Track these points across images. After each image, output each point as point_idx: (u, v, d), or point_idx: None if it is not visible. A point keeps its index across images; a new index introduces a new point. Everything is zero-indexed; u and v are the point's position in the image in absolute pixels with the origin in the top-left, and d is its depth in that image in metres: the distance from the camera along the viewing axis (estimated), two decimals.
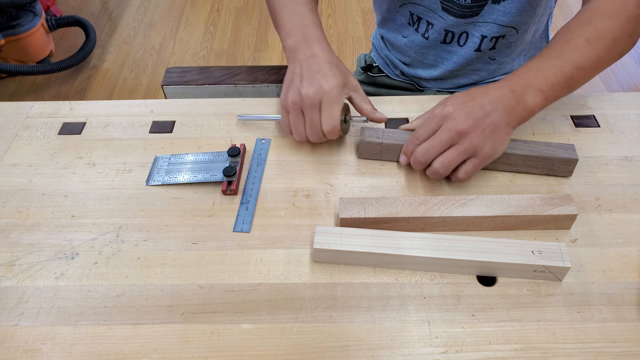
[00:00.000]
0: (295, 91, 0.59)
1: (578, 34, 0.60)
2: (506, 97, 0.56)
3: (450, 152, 0.55)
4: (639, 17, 0.61)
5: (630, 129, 0.67)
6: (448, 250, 0.50)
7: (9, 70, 1.78)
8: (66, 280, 0.52)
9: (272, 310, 0.50)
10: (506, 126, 0.56)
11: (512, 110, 0.56)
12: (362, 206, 0.55)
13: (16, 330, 0.49)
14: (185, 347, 0.47)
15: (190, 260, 0.54)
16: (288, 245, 0.55)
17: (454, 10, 0.72)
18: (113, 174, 0.63)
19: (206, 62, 2.05)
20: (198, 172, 0.62)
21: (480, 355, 0.46)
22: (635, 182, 0.61)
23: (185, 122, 0.70)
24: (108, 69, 2.03)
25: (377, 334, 0.48)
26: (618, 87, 1.91)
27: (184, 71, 0.86)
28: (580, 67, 0.59)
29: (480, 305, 0.50)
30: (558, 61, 0.59)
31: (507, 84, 0.58)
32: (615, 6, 0.61)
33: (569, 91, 0.60)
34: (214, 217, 0.58)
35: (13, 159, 0.65)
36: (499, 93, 0.56)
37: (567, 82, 0.58)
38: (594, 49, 0.59)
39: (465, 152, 0.55)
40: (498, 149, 0.56)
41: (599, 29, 0.60)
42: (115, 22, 2.27)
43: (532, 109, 0.57)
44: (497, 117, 0.55)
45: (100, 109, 0.72)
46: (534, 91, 0.57)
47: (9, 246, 0.56)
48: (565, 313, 0.49)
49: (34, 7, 1.84)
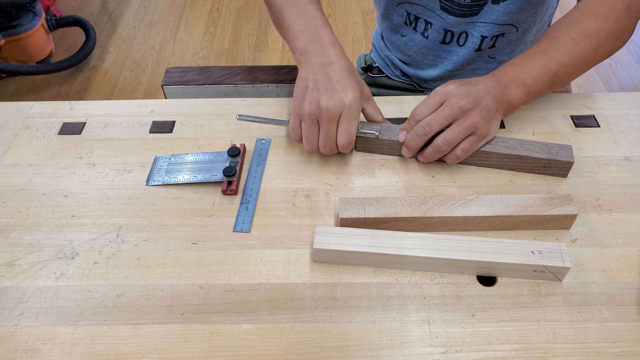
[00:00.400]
0: (313, 101, 0.57)
1: (566, 32, 0.62)
2: (494, 87, 0.59)
3: (453, 128, 0.56)
4: (627, 18, 0.62)
5: (630, 129, 0.67)
6: (448, 250, 0.50)
7: (9, 70, 1.78)
8: (66, 280, 0.52)
9: (272, 310, 0.50)
10: (496, 112, 0.59)
11: (499, 100, 0.59)
12: (362, 206, 0.54)
13: (16, 330, 0.49)
14: (185, 347, 0.47)
15: (190, 260, 0.54)
16: (288, 245, 0.55)
17: (453, 9, 0.72)
18: (113, 174, 0.63)
19: (206, 62, 2.05)
20: (198, 172, 0.62)
21: (480, 355, 0.46)
22: (635, 182, 0.61)
23: (185, 122, 0.70)
24: (108, 69, 2.03)
25: (377, 334, 0.48)
26: (618, 87, 1.91)
27: (184, 71, 0.86)
28: (565, 65, 0.61)
29: (480, 305, 0.50)
30: (543, 58, 0.61)
31: (493, 76, 0.61)
32: (604, 7, 0.62)
33: (553, 87, 0.62)
34: (214, 217, 0.58)
35: (13, 159, 0.65)
36: (488, 82, 0.59)
37: (551, 78, 0.61)
38: (579, 48, 0.61)
39: (467, 129, 0.56)
40: (492, 131, 0.59)
41: (586, 28, 0.62)
42: (115, 22, 2.27)
43: (515, 103, 0.60)
44: (489, 101, 0.58)
45: (100, 109, 0.72)
46: (517, 85, 0.60)
47: (9, 246, 0.56)
48: (565, 313, 0.49)
49: (34, 7, 1.84)
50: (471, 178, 0.61)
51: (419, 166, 0.63)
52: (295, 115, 0.59)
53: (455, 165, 0.62)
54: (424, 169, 0.62)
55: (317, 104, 0.56)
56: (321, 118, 0.57)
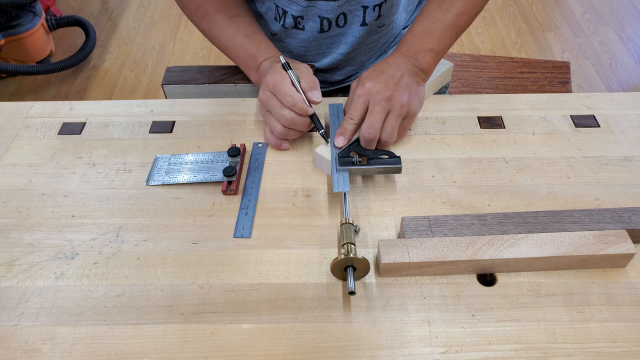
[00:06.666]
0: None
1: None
2: (404, 63, 0.64)
3: (389, 120, 0.61)
4: None
5: (630, 129, 0.67)
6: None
7: (9, 70, 1.78)
8: (66, 280, 0.52)
9: (272, 310, 0.50)
10: (417, 85, 0.64)
11: (413, 73, 0.64)
12: (405, 249, 0.51)
13: (16, 330, 0.49)
14: (185, 347, 0.47)
15: (190, 260, 0.54)
16: (288, 245, 0.55)
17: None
18: (113, 174, 0.63)
19: (206, 62, 2.05)
20: (198, 172, 0.62)
21: (480, 355, 0.46)
22: (635, 182, 0.61)
23: (185, 122, 0.70)
24: (108, 69, 2.03)
25: (377, 334, 0.48)
26: (618, 87, 1.91)
27: (184, 70, 0.85)
28: (462, 12, 0.66)
29: (480, 305, 0.50)
30: (438, 14, 0.66)
31: (400, 53, 0.66)
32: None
33: (458, 36, 0.68)
34: (214, 217, 0.58)
35: (13, 159, 0.65)
36: (398, 61, 0.64)
37: (452, 30, 0.67)
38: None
39: (400, 114, 0.61)
40: (421, 103, 0.65)
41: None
42: (115, 22, 2.27)
43: (428, 68, 0.66)
44: (406, 79, 0.63)
45: (100, 109, 0.72)
46: (424, 53, 0.66)
47: (9, 246, 0.56)
48: (565, 313, 0.49)
49: (34, 7, 1.84)
50: (471, 178, 0.61)
51: (418, 166, 0.63)
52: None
53: (455, 165, 0.63)
54: (424, 169, 0.62)
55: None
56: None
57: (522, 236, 0.52)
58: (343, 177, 0.58)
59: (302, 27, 0.76)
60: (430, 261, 0.50)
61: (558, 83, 1.02)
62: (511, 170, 0.62)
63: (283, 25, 0.77)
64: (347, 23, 0.75)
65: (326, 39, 0.78)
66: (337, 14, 0.73)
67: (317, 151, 0.62)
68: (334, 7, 0.72)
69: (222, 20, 0.72)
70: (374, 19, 0.75)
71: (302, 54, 0.81)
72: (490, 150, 0.65)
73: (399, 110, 0.61)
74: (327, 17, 0.73)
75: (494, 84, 1.03)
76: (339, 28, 0.76)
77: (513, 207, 0.58)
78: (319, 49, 0.80)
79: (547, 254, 0.50)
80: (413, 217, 0.54)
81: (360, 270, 0.50)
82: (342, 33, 0.77)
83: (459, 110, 0.70)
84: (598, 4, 2.32)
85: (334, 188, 0.57)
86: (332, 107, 0.67)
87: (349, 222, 0.53)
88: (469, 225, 0.53)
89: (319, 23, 0.75)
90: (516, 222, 0.54)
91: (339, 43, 0.79)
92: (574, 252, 0.50)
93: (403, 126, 0.63)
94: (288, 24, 0.76)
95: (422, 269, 0.51)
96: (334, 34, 0.77)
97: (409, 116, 0.63)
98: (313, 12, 0.73)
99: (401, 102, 0.60)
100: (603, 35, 2.14)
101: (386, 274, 0.52)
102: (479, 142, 0.66)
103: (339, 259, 0.49)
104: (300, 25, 0.76)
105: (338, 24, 0.75)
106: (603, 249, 0.51)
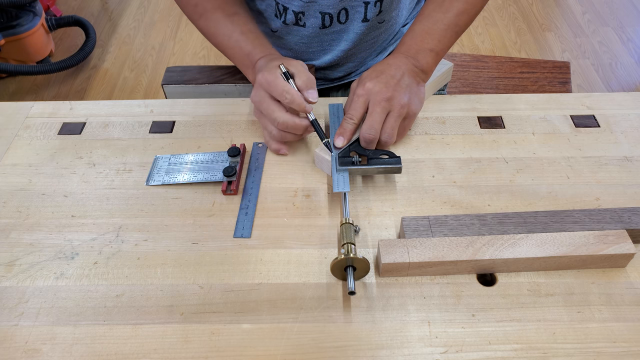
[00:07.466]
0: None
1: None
2: (404, 63, 0.64)
3: (390, 121, 0.60)
4: None
5: (630, 129, 0.67)
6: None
7: (9, 70, 1.78)
8: (66, 280, 0.52)
9: (272, 310, 0.50)
10: (417, 85, 0.64)
11: (413, 73, 0.64)
12: (405, 249, 0.51)
13: (16, 330, 0.49)
14: (185, 347, 0.47)
15: (190, 260, 0.54)
16: (288, 245, 0.55)
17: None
18: (113, 174, 0.63)
19: (206, 62, 2.05)
20: (198, 172, 0.62)
21: (480, 355, 0.46)
22: (635, 182, 0.61)
23: (185, 122, 0.70)
24: (108, 69, 2.03)
25: (377, 334, 0.48)
26: (618, 87, 1.91)
27: (184, 70, 0.85)
28: (462, 12, 0.66)
29: (480, 305, 0.50)
30: (438, 14, 0.66)
31: (400, 54, 0.65)
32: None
33: (458, 36, 0.68)
34: (214, 217, 0.58)
35: (13, 159, 0.65)
36: (398, 61, 0.64)
37: (452, 30, 0.67)
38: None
39: (400, 115, 0.61)
40: (422, 103, 0.64)
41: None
42: (115, 22, 2.27)
43: (428, 69, 0.66)
44: (407, 79, 0.62)
45: (100, 109, 0.72)
46: (424, 53, 0.66)
47: (9, 246, 0.56)
48: (565, 313, 0.49)
49: (34, 7, 1.84)
50: (471, 178, 0.61)
51: (418, 166, 0.63)
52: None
53: (455, 165, 0.63)
54: (424, 169, 0.62)
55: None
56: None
57: (522, 236, 0.52)
58: (343, 177, 0.58)
59: (303, 24, 0.76)
60: (430, 261, 0.50)
61: (558, 83, 1.02)
62: (511, 170, 0.62)
63: (284, 21, 0.76)
64: (349, 19, 0.75)
65: (327, 36, 0.78)
66: (339, 9, 0.73)
67: (317, 151, 0.62)
68: (336, 3, 0.72)
69: (219, 18, 0.72)
70: (375, 15, 0.75)
71: (303, 51, 0.81)
72: (490, 150, 0.65)
73: (399, 111, 0.60)
74: (329, 12, 0.73)
75: (494, 84, 1.03)
76: (340, 24, 0.76)
77: (513, 207, 0.58)
78: (319, 45, 0.80)
79: (547, 254, 0.50)
80: (413, 217, 0.54)
81: (360, 270, 0.50)
82: (344, 29, 0.77)
83: (459, 110, 0.70)
84: (598, 4, 2.32)
85: (334, 188, 0.57)
86: (332, 107, 0.67)
87: (349, 222, 0.53)
88: (469, 225, 0.53)
89: (321, 19, 0.74)
90: (516, 222, 0.54)
91: (340, 39, 0.79)
92: (574, 252, 0.50)
93: (403, 126, 0.63)
94: (289, 21, 0.76)
95: (422, 269, 0.51)
96: (335, 30, 0.77)
97: (409, 116, 0.63)
98: (314, 8, 0.73)
99: (401, 102, 0.60)
100: (603, 35, 2.14)
101: (386, 274, 0.52)
102: (479, 142, 0.66)
103: (339, 259, 0.49)
104: (301, 22, 0.75)
105: (339, 19, 0.75)
106: (603, 249, 0.51)
